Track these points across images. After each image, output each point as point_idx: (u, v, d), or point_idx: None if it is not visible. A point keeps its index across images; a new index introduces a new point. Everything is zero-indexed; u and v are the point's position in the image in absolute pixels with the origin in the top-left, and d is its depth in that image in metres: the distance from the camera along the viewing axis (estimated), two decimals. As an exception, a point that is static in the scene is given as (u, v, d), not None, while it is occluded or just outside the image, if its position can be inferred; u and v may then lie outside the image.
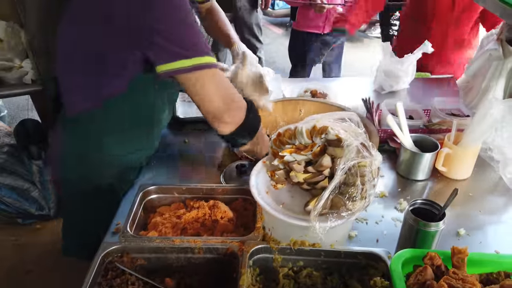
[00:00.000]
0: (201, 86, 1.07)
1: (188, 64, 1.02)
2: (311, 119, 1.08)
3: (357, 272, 1.00)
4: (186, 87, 1.08)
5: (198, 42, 1.04)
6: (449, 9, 2.05)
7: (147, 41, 1.00)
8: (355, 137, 0.97)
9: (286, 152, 1.05)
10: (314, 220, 0.91)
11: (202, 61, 1.04)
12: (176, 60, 1.02)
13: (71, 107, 1.19)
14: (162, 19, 0.99)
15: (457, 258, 0.91)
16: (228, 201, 1.20)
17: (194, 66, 1.03)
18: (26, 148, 2.84)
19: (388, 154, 1.56)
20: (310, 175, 1.03)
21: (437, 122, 1.59)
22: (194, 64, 1.03)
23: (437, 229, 0.99)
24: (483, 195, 1.39)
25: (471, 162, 1.42)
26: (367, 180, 0.95)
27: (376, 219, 1.27)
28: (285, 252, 1.01)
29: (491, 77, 1.46)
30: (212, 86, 1.08)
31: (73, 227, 1.44)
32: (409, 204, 1.05)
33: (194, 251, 1.01)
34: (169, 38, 1.00)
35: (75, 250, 1.44)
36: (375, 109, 1.66)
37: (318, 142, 1.02)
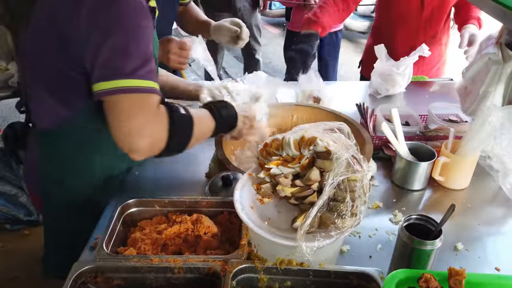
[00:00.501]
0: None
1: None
2: (299, 129, 1.02)
3: (347, 293, 0.94)
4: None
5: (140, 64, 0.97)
6: (418, 11, 1.99)
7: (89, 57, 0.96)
8: (346, 149, 0.90)
9: (273, 164, 0.99)
10: (301, 239, 0.84)
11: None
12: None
13: (38, 121, 1.16)
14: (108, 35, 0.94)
15: (454, 280, 0.84)
16: (213, 215, 1.13)
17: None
18: (14, 152, 2.77)
19: (383, 162, 1.50)
20: (298, 189, 0.97)
21: (434, 129, 1.53)
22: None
23: (433, 247, 0.93)
24: (482, 205, 1.33)
25: (469, 171, 1.36)
26: (357, 196, 0.89)
27: (369, 232, 1.21)
28: (271, 272, 0.95)
29: (490, 82, 1.40)
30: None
31: (52, 242, 1.38)
32: (403, 220, 0.98)
33: (174, 271, 0.95)
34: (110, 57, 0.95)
35: (54, 270, 1.36)
36: (369, 115, 1.60)
37: (307, 154, 0.96)
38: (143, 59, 0.97)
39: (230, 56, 5.61)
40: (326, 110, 1.60)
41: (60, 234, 1.35)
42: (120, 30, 0.95)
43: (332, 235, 0.86)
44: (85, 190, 1.26)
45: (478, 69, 1.46)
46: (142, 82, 0.96)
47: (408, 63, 1.88)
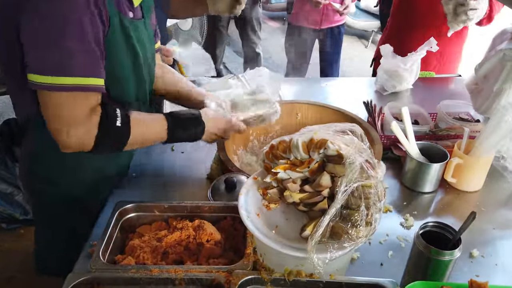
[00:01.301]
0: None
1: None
2: (308, 130, 0.96)
3: (360, 306, 0.88)
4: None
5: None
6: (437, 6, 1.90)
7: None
8: (359, 153, 0.84)
9: (280, 168, 0.93)
10: (312, 251, 0.79)
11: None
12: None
13: (17, 115, 1.14)
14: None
15: (475, 293, 0.79)
16: (216, 220, 1.07)
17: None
18: (10, 149, 2.71)
19: (392, 162, 1.44)
20: (307, 195, 0.90)
21: (445, 128, 1.47)
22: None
23: (452, 257, 0.87)
24: (496, 208, 1.28)
25: (483, 173, 1.30)
26: (372, 203, 0.83)
27: (380, 238, 1.15)
28: (279, 284, 0.89)
29: (504, 79, 1.34)
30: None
31: (43, 239, 1.34)
32: (420, 227, 0.92)
33: (175, 282, 0.89)
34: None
35: (46, 267, 1.35)
36: (377, 113, 1.54)
37: (316, 157, 0.90)
38: (75, 53, 0.91)
39: (230, 51, 5.52)
40: (332, 108, 1.53)
41: (51, 231, 1.32)
42: (48, 21, 0.89)
43: (346, 246, 0.80)
44: (74, 188, 1.23)
45: (492, 65, 1.39)
46: (73, 80, 0.92)
47: (415, 59, 1.81)
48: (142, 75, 1.16)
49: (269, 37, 5.99)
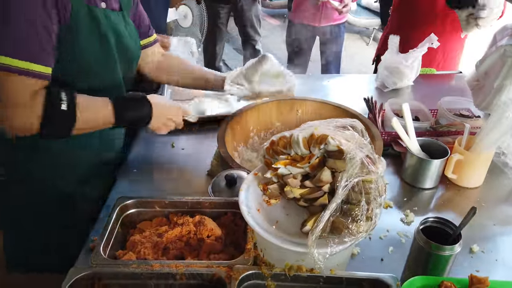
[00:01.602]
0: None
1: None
2: (308, 126, 0.96)
3: (360, 301, 0.88)
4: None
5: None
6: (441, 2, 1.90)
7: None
8: (359, 148, 0.84)
9: (281, 164, 0.93)
10: (312, 246, 0.79)
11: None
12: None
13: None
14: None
15: (476, 288, 0.79)
16: (216, 216, 1.07)
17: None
18: None
19: (392, 158, 1.44)
20: (308, 191, 0.91)
21: (446, 124, 1.47)
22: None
23: (452, 252, 0.87)
24: (497, 204, 1.28)
25: (483, 169, 1.30)
26: (372, 198, 0.83)
27: (380, 234, 1.15)
28: (280, 279, 0.89)
29: (505, 76, 1.34)
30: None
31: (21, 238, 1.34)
32: (420, 223, 0.93)
33: (176, 277, 0.89)
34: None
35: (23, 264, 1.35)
36: (378, 109, 1.54)
37: (317, 153, 0.90)
38: (21, 36, 0.94)
39: (230, 48, 5.52)
40: (332, 105, 1.53)
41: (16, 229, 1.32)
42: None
43: (346, 241, 0.80)
44: (54, 181, 1.24)
45: (492, 61, 1.39)
46: (17, 63, 0.95)
47: (417, 56, 1.81)
48: (114, 64, 1.17)
49: (270, 35, 5.99)
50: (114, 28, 1.15)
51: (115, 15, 1.16)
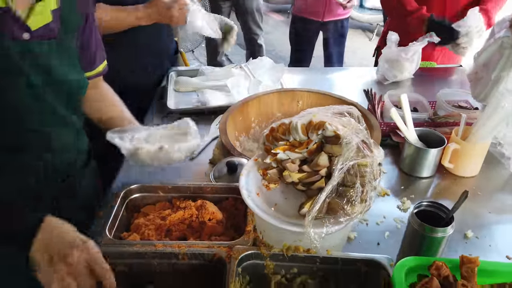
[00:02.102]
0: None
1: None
2: (307, 113, 0.99)
3: (356, 280, 0.92)
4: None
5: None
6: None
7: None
8: (355, 133, 0.87)
9: (279, 149, 0.96)
10: (309, 226, 0.82)
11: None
12: None
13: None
14: None
15: (466, 268, 0.82)
16: (218, 201, 1.11)
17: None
18: None
19: (390, 149, 1.47)
20: (305, 175, 0.94)
21: (443, 115, 1.49)
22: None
23: (445, 234, 0.90)
24: (493, 193, 1.30)
25: (480, 159, 1.33)
26: (367, 181, 0.86)
27: (377, 220, 1.18)
28: (278, 259, 0.92)
29: (502, 67, 1.36)
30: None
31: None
32: (414, 206, 0.96)
33: (178, 257, 0.93)
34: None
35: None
36: (377, 101, 1.56)
37: (315, 138, 0.93)
38: None
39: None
40: (333, 96, 1.56)
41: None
42: None
43: (341, 221, 0.83)
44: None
45: (490, 53, 1.41)
46: None
47: (417, 49, 1.83)
48: (42, 103, 0.96)
49: (273, 30, 6.01)
50: (42, 61, 0.93)
51: (47, 45, 0.92)
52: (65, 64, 0.98)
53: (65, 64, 0.98)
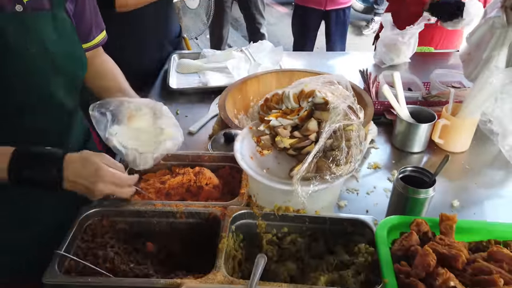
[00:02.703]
0: None
1: None
2: (299, 83, 1.04)
3: (342, 239, 0.97)
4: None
5: None
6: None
7: None
8: (343, 99, 0.93)
9: (272, 116, 1.02)
10: (297, 183, 0.88)
11: None
12: None
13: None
14: None
15: (445, 225, 0.87)
16: (215, 169, 1.17)
17: None
18: None
19: (384, 127, 1.52)
20: (296, 140, 0.99)
21: (436, 94, 1.54)
22: None
23: (427, 196, 0.96)
24: (481, 168, 1.35)
25: (469, 134, 1.37)
26: (353, 144, 0.91)
27: (367, 190, 1.24)
28: (269, 218, 0.98)
29: (493, 46, 1.40)
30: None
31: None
32: (399, 172, 1.01)
33: (176, 215, 0.99)
34: None
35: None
36: (372, 81, 1.61)
37: (305, 106, 0.99)
38: None
39: (238, 35, 5.59)
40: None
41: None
42: None
43: (327, 179, 0.89)
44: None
45: (482, 33, 1.45)
46: None
47: (413, 33, 1.87)
48: (39, 77, 0.97)
49: (278, 22, 6.03)
50: (37, 34, 0.93)
51: (40, 17, 0.94)
52: (64, 40, 0.98)
53: (64, 40, 0.98)
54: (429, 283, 0.76)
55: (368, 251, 0.89)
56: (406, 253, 0.83)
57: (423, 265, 0.77)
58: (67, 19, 1.00)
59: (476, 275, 0.77)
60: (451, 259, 0.78)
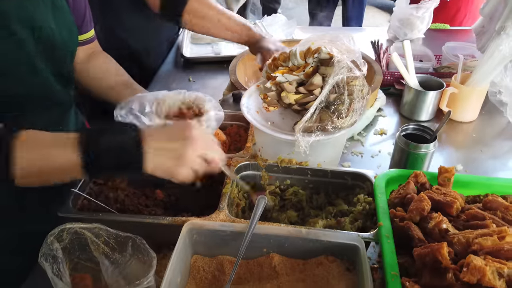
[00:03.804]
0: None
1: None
2: (306, 41, 1.07)
3: (343, 192, 1.00)
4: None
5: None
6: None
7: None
8: (347, 53, 0.95)
9: (279, 72, 1.05)
10: (299, 132, 0.91)
11: None
12: None
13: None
14: None
15: (443, 177, 0.89)
16: (223, 127, 1.21)
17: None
18: None
19: (393, 97, 1.53)
20: (301, 96, 1.02)
21: (447, 65, 1.53)
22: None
23: (428, 151, 0.98)
24: (488, 138, 1.35)
25: (477, 103, 1.37)
26: (355, 97, 0.94)
27: (372, 153, 1.26)
28: (272, 170, 1.02)
29: (506, 16, 1.38)
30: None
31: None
32: (401, 129, 1.03)
33: (184, 165, 1.03)
34: None
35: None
36: (383, 51, 1.62)
37: (311, 62, 1.01)
38: None
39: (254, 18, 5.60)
40: (340, 46, 1.62)
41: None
42: None
43: (329, 130, 0.91)
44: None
45: (495, 4, 1.44)
46: None
47: (428, 7, 1.86)
48: (31, 64, 0.90)
49: (295, 7, 6.01)
50: (29, 18, 0.86)
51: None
52: (54, 22, 0.91)
53: (54, 22, 0.91)
54: (422, 227, 0.79)
55: (367, 200, 0.92)
56: (402, 201, 0.86)
57: (418, 210, 0.79)
58: (63, 4, 0.94)
59: (469, 221, 0.79)
60: (445, 205, 0.80)
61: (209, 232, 0.84)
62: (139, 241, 0.77)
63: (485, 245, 0.67)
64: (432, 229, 0.77)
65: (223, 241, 0.85)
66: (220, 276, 0.84)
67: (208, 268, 0.86)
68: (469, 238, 0.71)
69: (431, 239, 0.76)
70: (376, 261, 0.91)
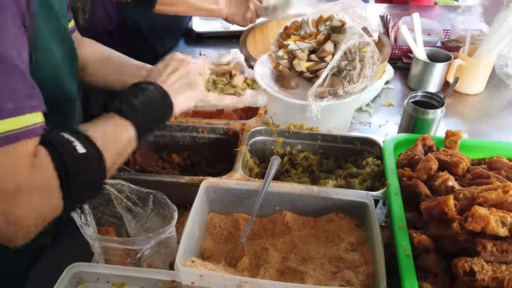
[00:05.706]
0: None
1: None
2: (318, 10, 1.09)
3: (352, 157, 1.04)
4: None
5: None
6: None
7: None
8: (358, 20, 0.97)
9: (291, 40, 1.07)
10: (311, 96, 0.94)
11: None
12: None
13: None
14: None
15: (449, 140, 0.93)
16: (235, 96, 1.24)
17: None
18: None
19: (401, 71, 1.55)
20: (313, 64, 1.05)
21: (455, 38, 1.55)
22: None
23: (435, 116, 1.01)
24: (494, 110, 1.38)
25: (484, 76, 1.39)
26: (366, 63, 0.96)
27: (379, 123, 1.29)
28: (284, 135, 1.05)
29: (515, -11, 1.40)
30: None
31: None
32: (410, 96, 1.06)
33: (199, 130, 1.07)
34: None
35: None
36: (391, 26, 1.63)
37: (323, 29, 1.04)
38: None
39: None
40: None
41: None
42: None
43: (340, 94, 0.95)
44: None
45: (505, -24, 1.44)
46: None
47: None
48: (71, 62, 0.88)
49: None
50: (63, 13, 0.84)
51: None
52: (63, 13, 0.85)
53: (63, 13, 0.85)
54: (429, 185, 0.83)
55: (375, 163, 0.96)
56: (410, 162, 0.89)
57: (425, 169, 0.83)
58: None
59: (474, 180, 0.83)
60: (452, 165, 0.84)
61: (225, 191, 0.89)
62: (160, 196, 0.82)
63: (489, 198, 0.71)
64: (438, 186, 0.80)
65: (238, 199, 0.89)
66: (235, 232, 0.89)
67: (224, 225, 0.90)
68: (474, 193, 0.74)
69: (437, 195, 0.80)
70: (384, 221, 0.95)
